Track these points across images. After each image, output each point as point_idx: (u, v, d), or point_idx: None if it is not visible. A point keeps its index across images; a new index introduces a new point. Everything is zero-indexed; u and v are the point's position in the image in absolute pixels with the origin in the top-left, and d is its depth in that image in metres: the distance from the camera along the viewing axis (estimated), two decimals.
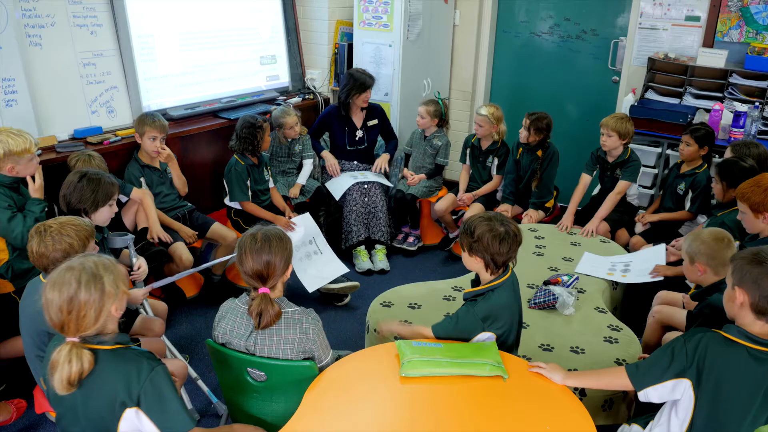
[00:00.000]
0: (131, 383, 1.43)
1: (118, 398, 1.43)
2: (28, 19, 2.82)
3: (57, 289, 1.39)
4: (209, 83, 3.59)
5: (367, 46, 3.95)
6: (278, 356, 1.70)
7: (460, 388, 1.64)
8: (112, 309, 1.44)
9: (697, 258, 1.98)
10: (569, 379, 1.69)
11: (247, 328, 1.70)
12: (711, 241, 1.96)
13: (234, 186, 3.13)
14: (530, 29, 4.24)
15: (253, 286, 1.70)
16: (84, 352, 1.40)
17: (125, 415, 1.44)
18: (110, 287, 1.43)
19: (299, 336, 1.70)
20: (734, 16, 3.47)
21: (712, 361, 1.50)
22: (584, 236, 3.07)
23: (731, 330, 1.53)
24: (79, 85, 3.03)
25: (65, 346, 1.39)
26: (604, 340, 2.23)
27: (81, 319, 1.39)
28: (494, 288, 1.82)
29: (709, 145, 3.04)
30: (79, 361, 1.38)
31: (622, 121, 3.09)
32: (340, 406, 1.61)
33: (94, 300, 1.40)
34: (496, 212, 1.89)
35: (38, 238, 1.79)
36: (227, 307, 1.78)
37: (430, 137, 3.69)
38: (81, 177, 2.27)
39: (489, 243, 1.77)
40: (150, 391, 1.44)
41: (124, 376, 1.43)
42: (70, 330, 1.40)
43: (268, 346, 1.69)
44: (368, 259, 3.54)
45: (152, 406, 1.45)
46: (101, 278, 1.42)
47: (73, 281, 1.39)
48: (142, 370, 1.44)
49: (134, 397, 1.43)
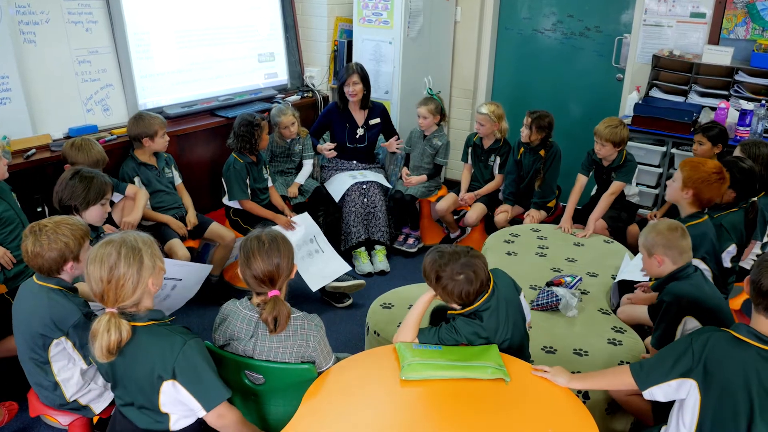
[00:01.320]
0: (166, 357, 1.50)
1: (155, 372, 1.51)
2: (22, 16, 2.79)
3: (98, 260, 1.48)
4: (206, 81, 3.57)
5: (367, 43, 3.92)
6: (276, 360, 1.68)
7: (461, 391, 1.62)
8: (149, 282, 1.52)
9: (655, 249, 2.00)
10: (573, 381, 1.66)
11: (248, 333, 1.69)
12: (666, 232, 1.99)
13: (233, 184, 3.10)
14: (533, 26, 4.21)
15: (258, 290, 1.69)
16: (122, 322, 1.48)
17: (163, 388, 1.52)
18: (148, 261, 1.51)
19: (299, 342, 1.69)
20: (740, 12, 3.45)
21: (719, 362, 1.47)
22: (580, 237, 3.05)
23: (741, 329, 1.49)
24: (74, 82, 3.00)
25: (104, 316, 1.48)
26: (608, 342, 2.21)
27: (120, 289, 1.48)
28: (476, 311, 1.75)
29: (723, 143, 3.01)
30: (117, 331, 1.47)
31: (616, 130, 3.02)
32: (340, 409, 1.60)
33: (132, 272, 1.48)
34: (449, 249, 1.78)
35: (33, 238, 1.77)
36: (229, 309, 1.75)
37: (430, 137, 3.65)
38: (74, 174, 2.26)
39: (453, 290, 1.72)
40: (184, 364, 1.51)
41: (159, 350, 1.51)
42: (109, 300, 1.50)
43: (267, 350, 1.68)
44: (368, 261, 3.51)
45: (188, 378, 1.51)
46: (140, 251, 1.50)
47: (114, 253, 1.48)
48: (175, 344, 1.51)
49: (169, 371, 1.50)
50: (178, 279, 2.30)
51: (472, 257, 1.73)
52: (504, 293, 1.80)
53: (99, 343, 1.47)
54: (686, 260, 1.99)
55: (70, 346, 1.79)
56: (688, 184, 2.35)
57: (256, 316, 1.68)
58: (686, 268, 1.98)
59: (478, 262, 1.73)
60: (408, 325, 1.81)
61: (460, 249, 1.76)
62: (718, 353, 1.47)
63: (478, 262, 1.73)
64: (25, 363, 1.84)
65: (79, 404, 1.85)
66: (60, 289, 1.80)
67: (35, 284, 1.82)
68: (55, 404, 1.85)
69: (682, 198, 2.38)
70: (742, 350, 1.46)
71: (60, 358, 1.80)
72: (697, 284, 1.94)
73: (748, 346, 1.46)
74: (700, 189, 2.33)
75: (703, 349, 1.48)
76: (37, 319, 1.77)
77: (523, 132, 3.32)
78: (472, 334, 1.75)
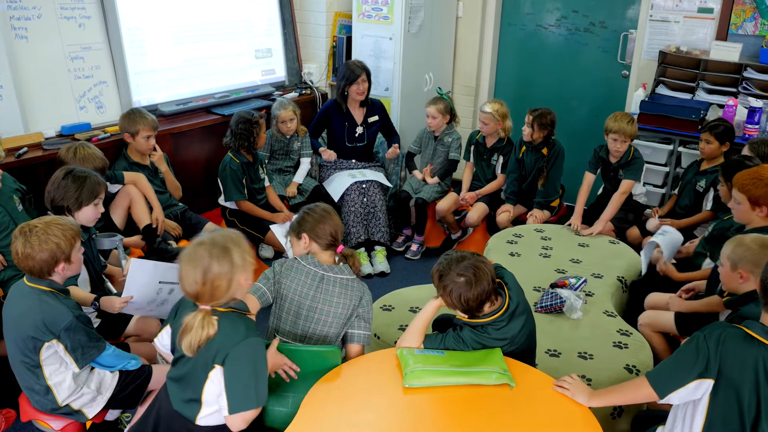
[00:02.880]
0: (225, 343, 1.52)
1: (214, 354, 1.52)
2: (14, 11, 2.76)
3: (192, 263, 1.52)
4: (202, 78, 3.53)
5: (367, 39, 3.89)
6: (329, 317, 1.86)
7: (465, 396, 1.62)
8: (241, 279, 1.55)
9: (741, 264, 1.91)
10: (594, 399, 1.64)
11: (311, 287, 1.86)
12: (757, 248, 1.88)
13: (229, 185, 3.06)
14: (536, 21, 4.17)
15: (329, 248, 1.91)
16: (213, 319, 1.52)
17: (212, 374, 1.53)
18: (239, 259, 1.54)
19: (354, 299, 1.88)
20: (749, 7, 3.42)
21: (732, 359, 1.46)
22: (587, 236, 3.02)
23: (755, 327, 1.47)
24: (66, 79, 2.97)
25: (199, 313, 1.52)
26: (614, 346, 2.19)
27: (215, 290, 1.52)
28: (485, 324, 1.73)
29: (730, 141, 2.97)
30: (208, 328, 1.51)
31: (634, 125, 3.03)
32: (340, 414, 1.59)
33: (225, 272, 1.52)
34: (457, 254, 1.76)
35: (23, 239, 1.75)
36: (289, 265, 1.89)
37: (441, 136, 3.61)
38: (66, 174, 2.23)
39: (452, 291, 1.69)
40: (235, 356, 1.52)
41: (223, 335, 1.53)
42: (204, 299, 1.53)
43: (329, 299, 1.86)
44: (368, 262, 3.47)
45: (231, 371, 1.52)
46: (230, 251, 1.54)
47: (206, 255, 1.52)
48: (238, 333, 1.54)
49: (222, 356, 1.52)
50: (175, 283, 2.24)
51: (477, 261, 1.70)
52: (521, 308, 1.78)
53: (189, 339, 1.50)
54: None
55: (62, 349, 1.77)
56: (759, 201, 2.20)
57: (321, 272, 1.87)
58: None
59: (483, 267, 1.69)
60: (414, 330, 1.80)
61: (467, 254, 1.74)
62: (732, 350, 1.46)
63: (482, 266, 1.69)
64: (16, 366, 1.82)
65: (72, 409, 1.83)
66: (51, 291, 1.79)
67: (26, 286, 1.80)
68: (47, 409, 1.83)
69: (756, 216, 2.23)
70: (755, 347, 1.45)
71: (51, 361, 1.78)
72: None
73: (760, 344, 1.45)
74: None
75: (717, 346, 1.47)
76: (28, 321, 1.75)
77: (525, 131, 3.28)
78: (478, 344, 1.74)
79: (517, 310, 1.75)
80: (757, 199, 2.19)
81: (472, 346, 1.73)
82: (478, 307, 1.71)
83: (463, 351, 1.74)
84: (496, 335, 1.73)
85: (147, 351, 2.18)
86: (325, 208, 1.94)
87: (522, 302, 1.79)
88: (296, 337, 1.89)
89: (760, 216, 2.23)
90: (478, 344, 1.73)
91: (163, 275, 2.13)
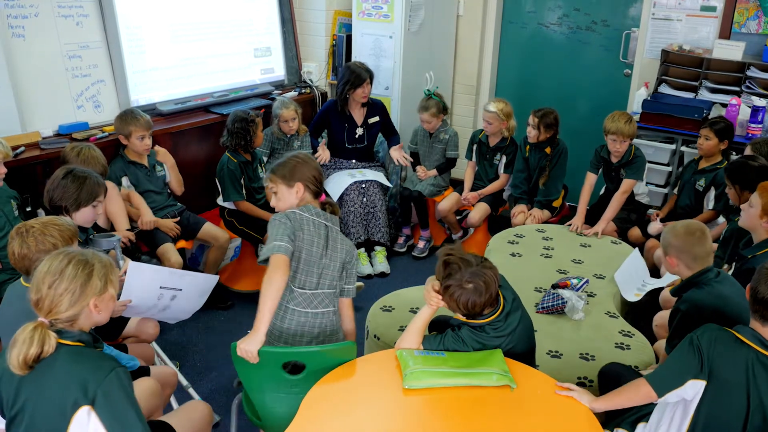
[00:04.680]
0: (89, 381, 1.37)
1: (72, 396, 1.36)
2: (11, 9, 2.74)
3: (48, 261, 1.43)
4: (201, 77, 3.51)
5: (367, 37, 3.87)
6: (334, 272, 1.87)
7: (466, 397, 1.61)
8: (90, 302, 1.43)
9: (668, 250, 1.94)
10: (596, 403, 1.65)
11: (321, 238, 1.84)
12: (682, 234, 1.92)
13: (227, 185, 3.04)
14: (538, 20, 4.14)
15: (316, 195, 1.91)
16: (50, 333, 1.38)
17: (76, 417, 1.36)
18: (97, 279, 1.44)
19: (348, 248, 1.91)
20: (752, 6, 3.40)
21: (723, 361, 1.49)
22: (590, 236, 3.00)
23: (745, 332, 1.51)
24: (64, 78, 2.95)
25: (29, 325, 1.38)
26: (616, 347, 2.18)
27: (57, 298, 1.40)
28: (484, 325, 1.72)
29: (729, 139, 2.95)
30: (40, 343, 1.36)
31: (632, 125, 3.01)
32: (339, 415, 1.59)
33: (76, 284, 1.41)
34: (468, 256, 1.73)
35: (20, 239, 1.73)
36: (296, 218, 1.82)
37: (436, 133, 3.60)
38: (66, 174, 2.21)
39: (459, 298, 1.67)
40: (107, 391, 1.38)
41: (82, 372, 1.38)
42: (43, 307, 1.41)
43: (333, 261, 1.86)
44: (368, 263, 3.45)
45: (107, 408, 1.38)
46: (92, 266, 1.44)
47: (65, 259, 1.42)
48: (102, 368, 1.40)
49: (90, 396, 1.37)
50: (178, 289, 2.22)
51: (483, 267, 1.68)
52: (515, 304, 1.77)
53: (17, 352, 1.34)
54: (703, 265, 1.91)
55: None
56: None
57: (324, 222, 1.85)
58: (705, 273, 1.90)
59: (490, 273, 1.67)
60: (412, 331, 1.79)
61: (471, 257, 1.71)
62: (723, 353, 1.49)
63: (489, 273, 1.67)
64: None
65: None
66: None
67: (23, 287, 1.77)
68: None
69: (760, 225, 2.18)
70: (744, 350, 1.48)
71: None
72: (717, 293, 1.87)
73: (748, 348, 1.48)
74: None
75: (709, 347, 1.50)
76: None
77: (530, 133, 3.25)
78: (477, 343, 1.73)
79: (512, 308, 1.74)
80: (767, 207, 2.13)
81: (471, 346, 1.72)
82: (481, 311, 1.70)
83: (464, 352, 1.73)
84: (494, 334, 1.72)
85: (145, 352, 2.17)
86: (305, 154, 1.94)
87: (515, 299, 1.78)
88: (308, 295, 1.86)
89: (765, 227, 2.17)
90: (478, 344, 1.72)
91: (164, 281, 2.10)
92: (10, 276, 2.23)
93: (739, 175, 2.48)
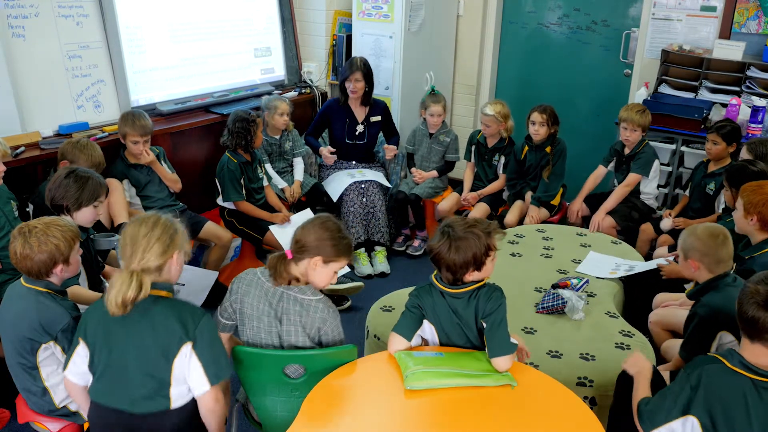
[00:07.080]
0: (188, 322, 1.54)
1: (176, 336, 1.52)
2: (11, 10, 2.74)
3: (138, 221, 1.56)
4: (201, 77, 3.51)
5: (367, 37, 3.87)
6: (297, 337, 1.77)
7: (467, 397, 1.61)
8: (174, 255, 1.57)
9: (690, 254, 1.93)
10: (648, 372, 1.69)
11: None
12: (705, 237, 1.91)
13: (227, 185, 3.04)
14: (538, 20, 4.14)
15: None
16: (145, 278, 1.51)
17: (181, 352, 1.52)
18: (181, 239, 1.60)
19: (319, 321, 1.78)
20: (752, 6, 3.40)
21: (719, 395, 1.45)
22: (591, 231, 3.02)
23: (734, 360, 1.47)
24: (64, 78, 2.94)
25: (126, 271, 1.50)
26: (616, 347, 2.17)
27: (149, 248, 1.53)
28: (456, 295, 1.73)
29: (737, 142, 2.94)
30: (137, 286, 1.48)
31: (645, 115, 3.06)
32: (340, 416, 1.59)
33: (166, 237, 1.55)
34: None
35: (22, 240, 1.74)
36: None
37: (437, 134, 3.59)
38: (69, 173, 2.21)
39: None
40: (205, 330, 1.55)
41: (181, 315, 1.54)
42: (136, 256, 1.53)
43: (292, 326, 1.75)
44: (368, 263, 3.45)
45: (204, 345, 1.54)
46: (177, 229, 1.60)
47: (154, 217, 1.57)
48: (196, 311, 1.57)
49: (191, 334, 1.53)
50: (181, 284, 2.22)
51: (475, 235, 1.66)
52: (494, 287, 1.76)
53: (116, 293, 1.46)
54: (724, 269, 1.90)
55: (59, 351, 1.75)
56: (749, 209, 2.18)
57: (280, 290, 1.74)
58: (724, 277, 1.89)
59: (475, 242, 1.66)
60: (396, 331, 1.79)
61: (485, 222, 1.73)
62: (716, 387, 1.45)
63: (474, 242, 1.66)
64: (13, 368, 1.81)
65: (69, 410, 1.83)
66: (49, 292, 1.77)
67: (23, 287, 1.78)
68: (44, 410, 1.82)
69: (748, 225, 2.21)
70: (737, 379, 1.45)
71: (49, 363, 1.78)
72: (734, 297, 1.84)
73: (742, 377, 1.45)
74: (764, 213, 2.16)
75: (699, 381, 1.47)
76: (25, 322, 1.74)
77: (539, 131, 3.23)
78: (415, 297, 1.77)
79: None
80: (747, 207, 2.18)
81: (415, 297, 1.76)
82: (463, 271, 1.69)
83: (454, 347, 1.73)
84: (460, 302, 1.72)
85: None
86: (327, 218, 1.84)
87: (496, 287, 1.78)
88: None
89: (753, 226, 2.19)
90: (415, 297, 1.75)
91: None
92: (11, 276, 2.23)
93: (737, 179, 2.48)
